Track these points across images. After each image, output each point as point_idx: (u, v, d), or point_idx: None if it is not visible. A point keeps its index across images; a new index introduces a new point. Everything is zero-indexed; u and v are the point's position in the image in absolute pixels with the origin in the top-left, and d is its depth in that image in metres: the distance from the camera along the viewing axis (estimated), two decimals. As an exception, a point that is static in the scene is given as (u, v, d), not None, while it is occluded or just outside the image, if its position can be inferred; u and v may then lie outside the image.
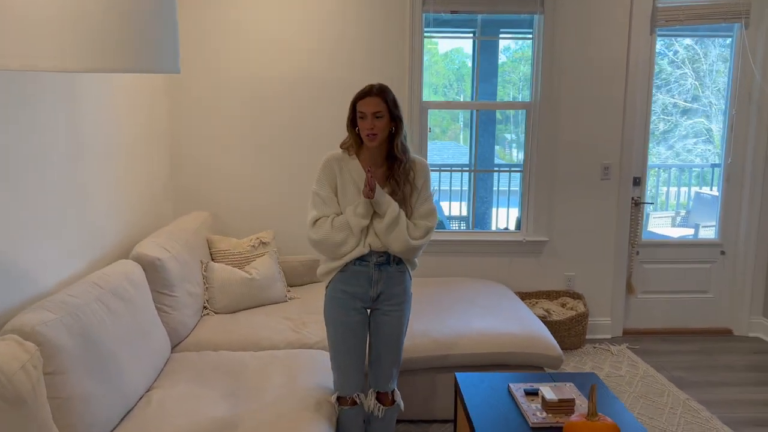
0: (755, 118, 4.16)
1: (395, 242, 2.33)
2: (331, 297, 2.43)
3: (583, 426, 1.96)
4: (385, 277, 2.39)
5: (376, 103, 2.28)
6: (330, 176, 2.39)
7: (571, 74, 4.05)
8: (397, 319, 2.44)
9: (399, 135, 2.33)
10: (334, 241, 2.33)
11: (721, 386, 3.53)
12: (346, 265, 2.37)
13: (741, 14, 4.07)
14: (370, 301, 2.42)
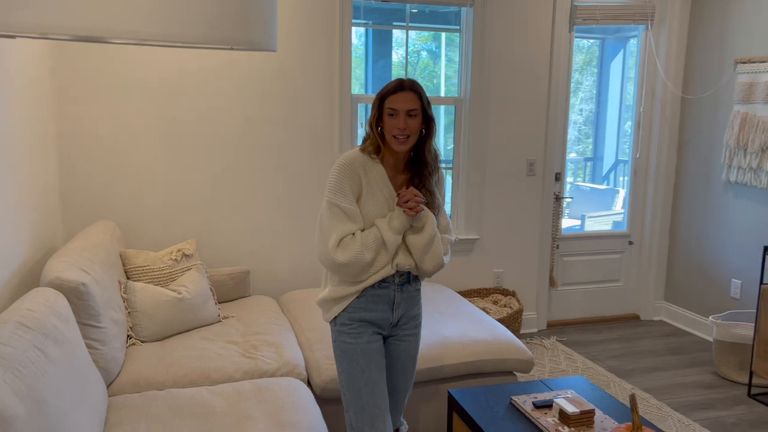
0: (659, 114, 4.43)
1: (431, 260, 2.04)
2: (346, 326, 2.06)
3: (633, 440, 1.85)
4: (406, 298, 2.11)
5: (410, 99, 1.95)
6: (354, 183, 1.99)
7: (500, 69, 4.01)
8: (414, 344, 2.19)
9: (431, 138, 2.03)
10: (364, 262, 1.96)
11: (653, 372, 3.69)
12: (365, 289, 2.02)
13: (647, 16, 4.29)
14: (389, 327, 2.12)
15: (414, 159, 2.05)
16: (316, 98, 3.68)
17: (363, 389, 2.03)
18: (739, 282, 3.99)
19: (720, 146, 4.08)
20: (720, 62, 4.09)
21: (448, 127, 4.48)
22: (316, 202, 3.76)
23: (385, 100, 1.97)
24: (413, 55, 6.48)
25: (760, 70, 3.78)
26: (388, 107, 1.96)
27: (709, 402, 3.32)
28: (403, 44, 5.80)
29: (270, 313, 3.25)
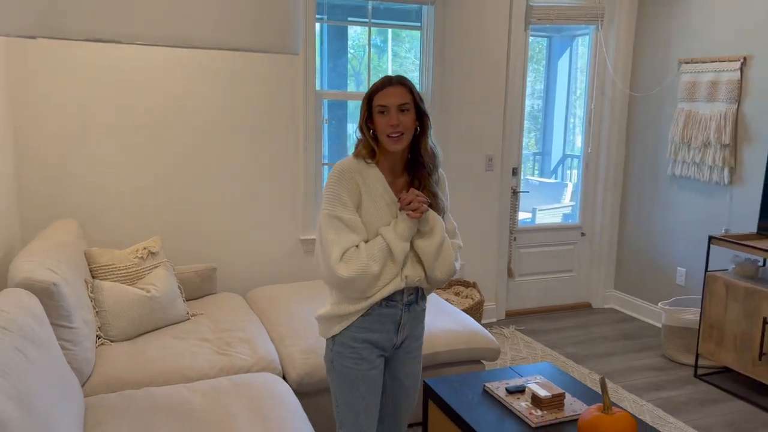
0: (609, 111, 4.63)
1: (442, 267, 1.90)
2: (347, 348, 1.91)
3: (606, 420, 1.97)
4: (412, 319, 1.98)
5: (400, 93, 1.83)
6: (352, 192, 1.84)
7: (460, 67, 4.10)
8: (416, 365, 2.08)
9: (426, 135, 1.89)
10: (371, 275, 1.81)
11: (608, 357, 3.89)
12: (371, 306, 1.88)
13: (597, 17, 4.48)
14: (392, 349, 1.99)
15: (411, 160, 1.92)
16: (281, 94, 3.67)
17: (361, 413, 1.96)
18: (684, 270, 4.23)
19: (665, 142, 4.31)
20: (665, 62, 4.32)
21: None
22: (281, 198, 3.77)
23: (374, 98, 1.85)
24: (359, 49, 6.52)
25: (702, 70, 4.01)
26: (378, 105, 1.83)
27: (660, 383, 3.53)
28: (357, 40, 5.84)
29: (239, 309, 3.25)
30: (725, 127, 3.84)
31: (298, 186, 3.81)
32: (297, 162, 3.79)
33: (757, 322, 3.22)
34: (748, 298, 3.27)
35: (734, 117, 3.81)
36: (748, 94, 3.76)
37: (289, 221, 3.83)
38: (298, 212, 3.84)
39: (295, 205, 3.82)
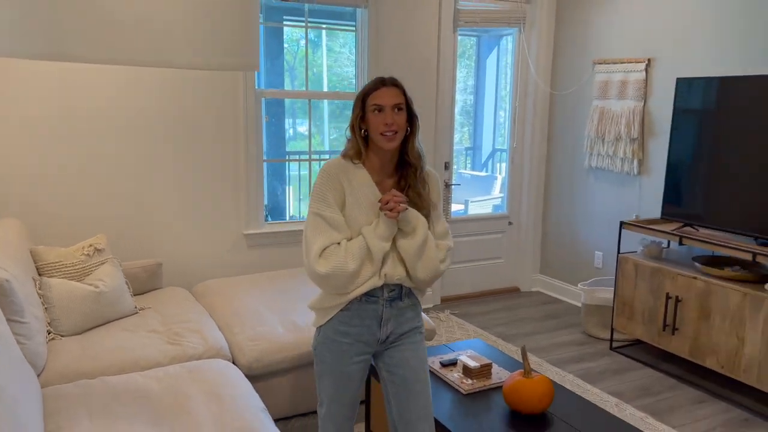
0: (531, 108, 4.97)
1: (425, 267, 1.92)
2: (329, 339, 1.97)
3: (526, 383, 2.24)
4: (396, 315, 1.97)
5: (395, 94, 1.88)
6: (336, 191, 1.90)
7: (393, 66, 4.32)
8: (412, 351, 2.00)
9: (414, 136, 1.95)
10: (347, 272, 1.84)
11: (534, 335, 4.22)
12: (350, 302, 1.93)
13: (520, 20, 4.80)
14: (377, 344, 1.99)
15: (400, 160, 1.96)
16: (222, 94, 3.79)
17: (335, 402, 2.00)
18: (600, 253, 4.63)
19: (582, 136, 4.69)
20: (581, 63, 4.69)
21: (334, 116, 4.71)
22: (224, 195, 3.90)
23: (368, 98, 1.89)
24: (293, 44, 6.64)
25: (613, 70, 4.39)
26: (373, 104, 1.87)
27: (580, 356, 3.88)
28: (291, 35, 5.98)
29: (186, 302, 3.37)
30: (634, 123, 4.23)
31: (240, 182, 3.94)
32: (238, 159, 3.92)
33: (661, 297, 3.61)
34: (654, 277, 3.66)
35: (641, 113, 4.21)
36: (652, 93, 4.16)
37: (233, 217, 3.95)
38: (241, 208, 3.98)
39: (238, 201, 3.95)
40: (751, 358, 3.16)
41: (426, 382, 2.00)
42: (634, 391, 3.41)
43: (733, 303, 3.24)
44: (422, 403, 1.97)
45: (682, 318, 3.50)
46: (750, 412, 3.20)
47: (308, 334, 2.99)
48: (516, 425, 2.21)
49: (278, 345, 2.92)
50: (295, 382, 2.99)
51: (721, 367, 3.31)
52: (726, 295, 3.27)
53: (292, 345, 2.94)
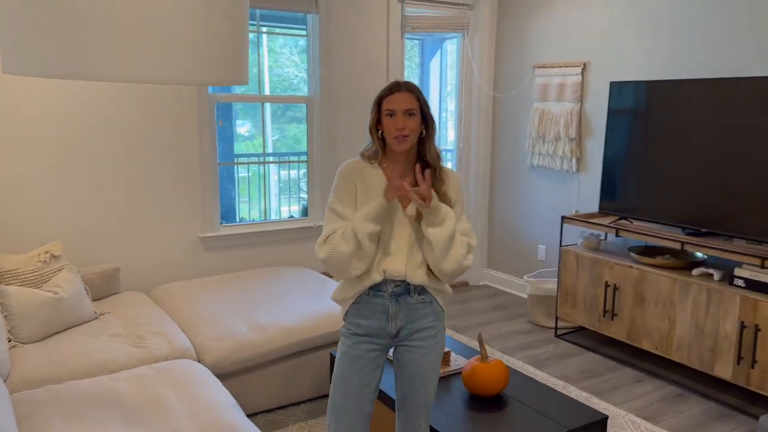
0: (476, 110, 5.19)
1: (452, 260, 1.94)
2: (346, 329, 2.07)
3: (482, 367, 2.42)
4: (405, 310, 2.00)
5: (407, 99, 1.94)
6: (350, 189, 2.00)
7: (344, 71, 4.45)
8: (420, 356, 2.03)
9: (430, 138, 2.01)
10: (342, 255, 1.91)
11: (484, 326, 4.43)
12: (359, 296, 2.02)
13: (463, 26, 5.01)
14: (390, 337, 2.04)
15: (419, 160, 2.02)
16: (176, 98, 3.82)
17: (338, 388, 2.03)
18: (543, 247, 4.89)
19: (524, 136, 4.94)
20: (522, 67, 4.94)
21: (276, 118, 4.75)
22: (179, 199, 3.92)
23: (383, 102, 1.97)
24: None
25: (552, 74, 4.66)
26: (386, 108, 1.95)
27: (527, 344, 4.11)
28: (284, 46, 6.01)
29: (145, 306, 3.39)
30: (572, 123, 4.51)
31: (195, 186, 3.98)
32: (193, 163, 3.95)
33: (600, 286, 3.88)
34: (594, 267, 3.92)
35: (578, 114, 4.48)
36: (588, 95, 4.44)
37: (188, 220, 3.99)
38: (197, 211, 4.01)
39: (193, 205, 3.99)
40: (681, 338, 3.45)
41: (428, 382, 2.04)
42: (578, 374, 3.66)
43: (664, 289, 3.52)
44: (421, 400, 2.05)
45: (620, 304, 3.77)
46: (682, 387, 3.50)
47: (272, 332, 3.08)
48: (475, 407, 2.38)
49: (243, 344, 3.00)
50: (262, 380, 3.07)
51: (656, 348, 3.60)
52: (658, 281, 3.55)
53: (256, 343, 3.02)
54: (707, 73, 3.67)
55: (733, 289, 3.21)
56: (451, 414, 2.33)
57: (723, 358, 3.26)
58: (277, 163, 4.49)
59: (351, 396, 2.01)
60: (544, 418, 2.30)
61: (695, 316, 3.37)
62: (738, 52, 3.54)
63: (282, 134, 6.39)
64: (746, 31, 3.49)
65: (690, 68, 3.78)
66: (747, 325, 3.13)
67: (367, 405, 2.04)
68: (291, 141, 4.27)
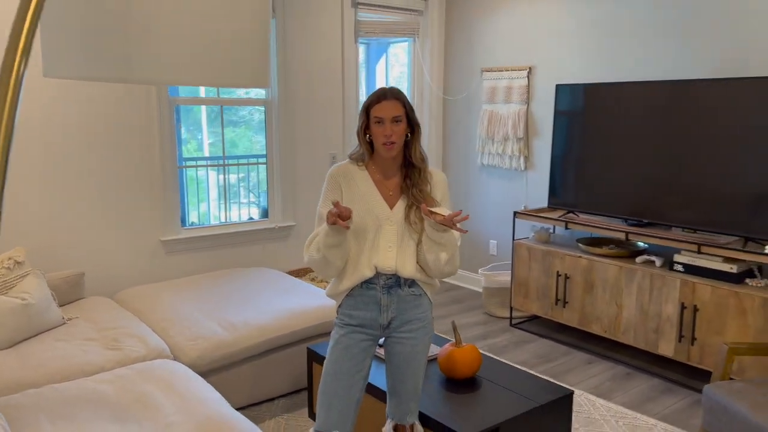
0: (428, 112, 5.38)
1: (451, 266, 2.11)
2: (339, 320, 2.17)
3: (458, 351, 2.57)
4: (396, 302, 2.11)
5: (394, 106, 2.04)
6: (335, 191, 2.11)
7: (302, 75, 4.54)
8: (411, 347, 2.14)
9: (417, 140, 2.12)
10: (316, 260, 2.05)
11: (443, 318, 4.60)
12: (353, 289, 2.12)
13: (414, 31, 5.19)
14: (381, 328, 2.14)
15: (405, 162, 2.14)
16: (137, 102, 3.81)
17: (330, 376, 2.11)
18: (495, 242, 5.13)
19: (475, 137, 5.16)
20: (470, 70, 5.17)
21: (209, 121, 4.73)
22: (140, 202, 3.91)
23: (371, 110, 2.06)
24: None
25: (499, 78, 4.90)
26: (374, 116, 2.04)
27: (485, 334, 4.32)
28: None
29: (113, 310, 3.38)
30: (519, 124, 4.76)
31: (156, 190, 3.97)
32: (154, 166, 3.95)
33: (552, 276, 4.13)
34: (545, 258, 4.17)
35: (525, 115, 4.74)
36: (533, 97, 4.70)
37: (150, 224, 3.97)
38: (158, 215, 4.00)
39: (154, 208, 3.98)
40: (627, 321, 3.73)
41: (417, 370, 2.16)
42: (534, 359, 3.89)
43: (611, 276, 3.80)
44: (411, 386, 2.17)
45: (571, 293, 4.03)
46: (630, 367, 3.78)
47: (246, 331, 3.14)
48: (453, 389, 2.54)
49: (217, 343, 3.05)
50: (237, 378, 3.13)
51: (605, 331, 3.87)
52: (605, 269, 3.83)
53: (233, 341, 3.07)
54: (644, 76, 3.98)
55: (674, 274, 3.51)
56: (432, 396, 2.47)
57: (666, 338, 3.55)
58: (236, 165, 4.53)
59: (342, 382, 2.10)
60: (517, 395, 2.48)
61: (640, 300, 3.66)
62: (672, 56, 3.86)
63: (217, 138, 6.39)
64: (680, 37, 3.82)
65: (629, 71, 4.08)
66: (686, 306, 3.43)
67: (357, 392, 2.13)
68: (228, 145, 4.28)
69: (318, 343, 3.02)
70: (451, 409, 2.38)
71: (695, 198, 3.55)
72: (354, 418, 2.14)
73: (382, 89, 2.08)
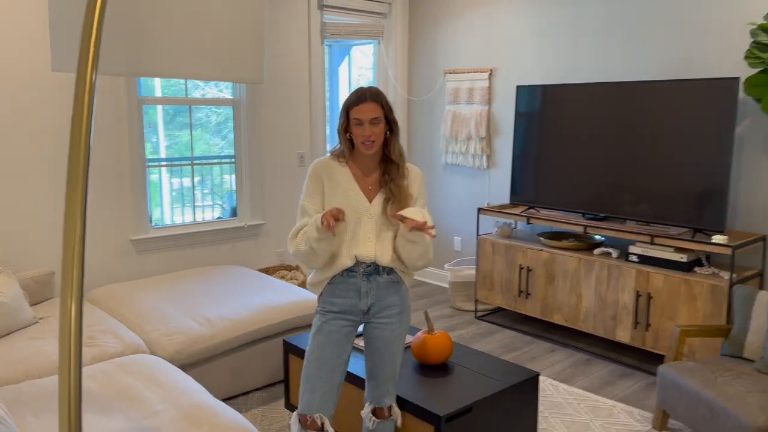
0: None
1: (423, 260, 2.21)
2: (320, 308, 2.25)
3: (431, 338, 2.70)
4: (376, 288, 2.21)
5: (372, 108, 2.10)
6: (317, 186, 2.20)
7: (270, 75, 4.60)
8: (389, 331, 2.24)
9: (395, 138, 2.21)
10: (302, 252, 2.14)
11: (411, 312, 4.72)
12: (333, 277, 2.21)
13: (379, 33, 5.32)
14: (361, 314, 2.24)
15: (383, 159, 2.22)
16: (105, 101, 3.82)
17: (312, 362, 2.20)
18: (459, 238, 5.29)
19: (439, 137, 5.32)
20: (434, 72, 5.32)
21: (165, 122, 4.75)
22: (109, 201, 3.92)
23: (350, 111, 2.12)
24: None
25: (462, 79, 5.07)
26: (354, 117, 2.11)
27: (452, 326, 4.47)
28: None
29: (85, 309, 3.38)
30: (482, 124, 4.93)
31: (124, 188, 3.98)
32: (122, 165, 3.96)
33: (515, 269, 4.30)
34: (508, 252, 4.34)
35: (487, 116, 4.91)
36: (495, 98, 4.88)
37: (119, 223, 3.98)
38: (127, 213, 4.01)
39: (123, 207, 3.99)
40: (587, 310, 3.93)
41: (396, 353, 2.27)
42: (500, 349, 4.05)
43: (571, 267, 3.99)
44: (389, 370, 2.27)
45: (533, 284, 4.21)
46: (589, 354, 3.98)
47: (223, 325, 3.20)
48: (427, 373, 2.66)
49: (194, 337, 3.10)
50: (213, 372, 3.18)
51: (566, 321, 4.06)
52: (565, 261, 4.02)
53: (209, 336, 3.13)
54: (598, 78, 4.20)
55: (629, 264, 3.72)
56: (407, 380, 2.58)
57: (622, 325, 3.76)
58: (204, 165, 4.56)
59: (325, 367, 2.19)
60: (487, 378, 2.62)
61: (598, 290, 3.86)
62: (623, 59, 4.09)
63: (174, 140, 6.40)
64: (631, 41, 4.04)
65: (584, 73, 4.29)
66: (641, 294, 3.64)
67: (338, 375, 2.22)
68: (183, 148, 4.31)
69: (294, 336, 3.10)
70: (426, 392, 2.50)
71: (646, 193, 3.77)
72: (336, 401, 2.24)
73: (362, 90, 2.14)
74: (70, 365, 0.95)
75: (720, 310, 3.32)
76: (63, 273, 0.96)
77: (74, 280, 0.96)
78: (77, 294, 0.96)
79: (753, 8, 3.48)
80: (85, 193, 0.99)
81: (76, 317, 0.95)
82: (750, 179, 3.59)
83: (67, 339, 0.94)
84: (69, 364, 0.95)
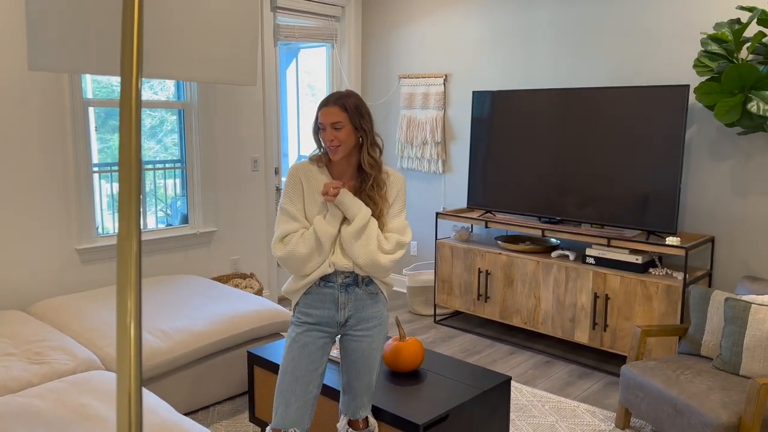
0: (346, 117, 5.45)
1: (362, 252, 2.09)
2: (296, 318, 2.19)
3: (402, 345, 2.66)
4: (353, 300, 2.16)
5: (333, 112, 2.08)
6: (297, 189, 2.15)
7: (222, 77, 4.47)
8: (367, 344, 2.20)
9: (365, 147, 2.15)
10: (297, 256, 2.07)
11: (369, 320, 4.68)
12: (310, 286, 2.16)
13: (332, 37, 5.26)
14: (338, 326, 2.19)
15: (359, 167, 2.18)
16: (47, 104, 3.60)
17: (288, 374, 2.13)
18: (415, 243, 5.28)
19: (395, 141, 5.30)
20: (388, 77, 5.30)
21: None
22: (52, 209, 3.69)
23: (317, 114, 2.12)
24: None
25: (416, 84, 5.07)
26: (318, 121, 2.11)
27: (411, 332, 4.44)
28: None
29: (29, 323, 3.17)
30: (437, 129, 4.95)
31: (69, 195, 3.77)
32: (67, 171, 3.74)
33: (474, 272, 4.33)
34: (467, 256, 4.36)
35: (443, 121, 4.93)
36: (450, 103, 4.91)
37: (63, 232, 3.76)
38: (72, 222, 3.80)
39: (68, 215, 3.77)
40: (545, 312, 3.99)
41: (372, 367, 2.21)
42: (461, 353, 4.06)
43: (529, 270, 4.04)
44: (365, 381, 2.22)
45: (492, 288, 4.25)
46: (549, 355, 4.04)
47: (180, 338, 3.06)
48: (399, 381, 2.62)
49: (152, 352, 2.95)
50: (172, 387, 3.04)
51: (525, 323, 4.11)
52: (524, 264, 4.07)
53: (166, 350, 2.98)
54: (549, 84, 4.28)
55: (586, 266, 3.80)
56: (381, 389, 2.53)
57: (581, 326, 3.83)
58: (152, 170, 4.37)
59: (300, 380, 2.12)
60: (462, 384, 2.60)
61: (556, 292, 3.92)
62: (579, 66, 4.18)
63: (106, 144, 6.17)
64: (580, 48, 4.14)
65: (537, 79, 4.37)
66: (599, 296, 3.73)
67: (315, 389, 2.16)
68: (116, 151, 4.15)
69: (258, 347, 3.00)
70: (401, 401, 2.46)
71: (600, 197, 3.87)
72: (311, 415, 2.17)
73: (331, 94, 2.14)
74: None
75: (675, 310, 3.43)
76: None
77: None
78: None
79: (701, 18, 3.63)
80: (138, 208, 0.91)
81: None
82: (697, 182, 3.74)
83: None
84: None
